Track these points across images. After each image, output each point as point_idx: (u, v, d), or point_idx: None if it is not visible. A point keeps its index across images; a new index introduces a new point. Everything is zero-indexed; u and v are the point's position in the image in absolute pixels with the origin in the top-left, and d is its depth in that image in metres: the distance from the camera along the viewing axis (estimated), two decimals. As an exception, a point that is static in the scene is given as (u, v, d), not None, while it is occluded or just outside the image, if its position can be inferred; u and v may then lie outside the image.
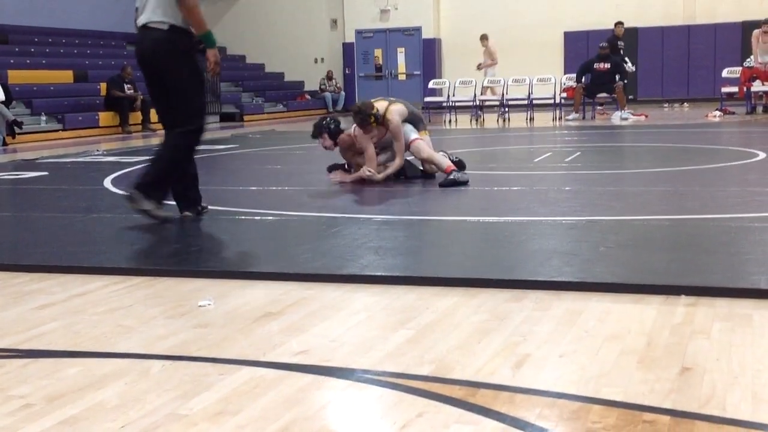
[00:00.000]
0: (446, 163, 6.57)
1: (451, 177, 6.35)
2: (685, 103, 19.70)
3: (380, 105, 6.64)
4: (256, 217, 5.20)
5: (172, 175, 5.05)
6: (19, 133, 13.75)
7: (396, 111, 6.65)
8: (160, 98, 5.05)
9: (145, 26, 4.90)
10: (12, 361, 2.66)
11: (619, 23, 16.65)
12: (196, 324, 3.01)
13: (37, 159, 10.34)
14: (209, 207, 5.33)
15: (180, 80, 4.94)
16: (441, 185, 6.31)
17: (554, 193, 5.95)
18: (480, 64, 17.71)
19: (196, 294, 3.43)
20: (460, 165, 6.81)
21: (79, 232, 5.02)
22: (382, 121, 6.56)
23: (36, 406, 2.25)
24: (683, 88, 21.00)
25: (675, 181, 6.45)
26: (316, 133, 6.79)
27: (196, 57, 5.02)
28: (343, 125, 6.85)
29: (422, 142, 6.72)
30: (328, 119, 6.89)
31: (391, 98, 6.85)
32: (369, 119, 6.47)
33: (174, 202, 5.16)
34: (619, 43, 16.28)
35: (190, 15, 4.86)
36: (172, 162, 5.04)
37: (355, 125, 6.62)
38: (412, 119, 6.85)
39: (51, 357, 2.70)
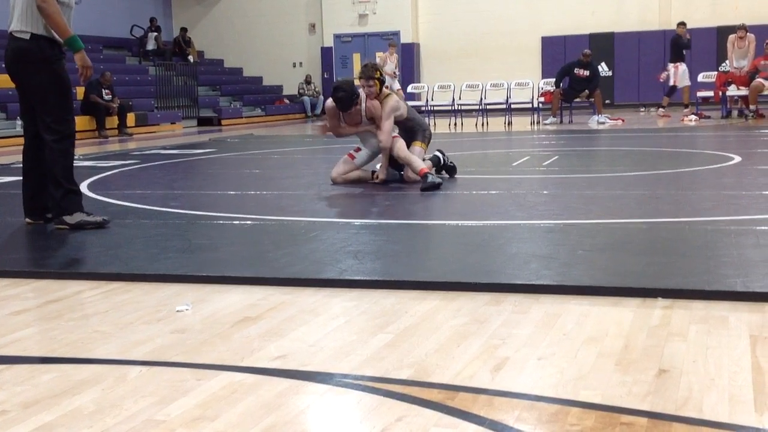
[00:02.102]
0: (420, 165, 6.57)
1: (429, 180, 6.35)
2: (661, 108, 19.85)
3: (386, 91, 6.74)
4: (234, 222, 5.18)
5: (73, 180, 5.03)
6: (-7, 138, 13.62)
7: (396, 98, 6.71)
8: (27, 105, 5.05)
9: (11, 34, 4.92)
10: (-14, 367, 2.63)
11: (681, 24, 16.36)
12: (174, 329, 2.99)
13: (12, 164, 10.24)
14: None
15: (41, 88, 4.92)
16: (422, 190, 6.31)
17: (532, 197, 5.97)
18: None
19: (173, 299, 3.41)
20: (452, 169, 6.81)
21: (54, 237, 4.97)
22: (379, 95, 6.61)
23: (11, 412, 2.22)
24: (659, 92, 21.15)
25: (651, 185, 6.50)
26: (350, 105, 6.66)
27: (62, 64, 5.02)
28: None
29: (402, 141, 6.73)
30: (352, 86, 6.77)
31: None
32: (375, 74, 6.58)
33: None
34: (682, 40, 15.86)
35: (50, 22, 4.86)
36: (64, 170, 4.98)
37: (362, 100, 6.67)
38: (412, 125, 6.85)
39: (26, 363, 2.67)
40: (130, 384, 2.42)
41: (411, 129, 6.89)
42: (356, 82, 6.90)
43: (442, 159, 7.13)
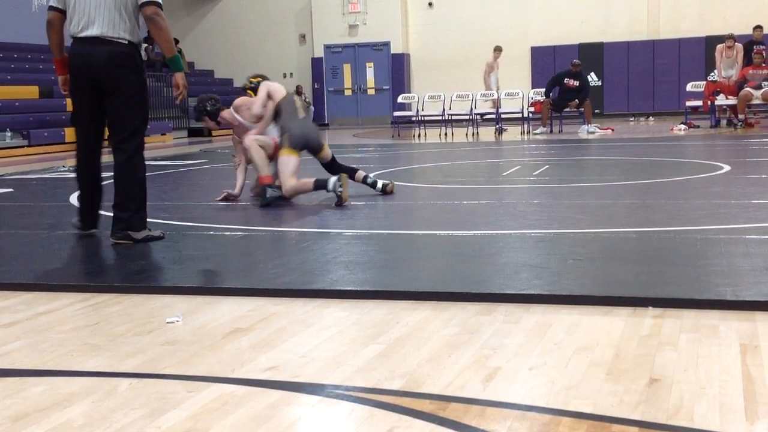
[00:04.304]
0: (262, 173, 6.41)
1: (267, 195, 6.24)
2: (651, 117, 19.96)
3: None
4: (225, 233, 5.17)
5: (145, 196, 4.91)
6: (-17, 150, 13.58)
7: (276, 90, 6.64)
8: (97, 115, 4.87)
9: (98, 38, 4.72)
10: (-25, 380, 2.61)
11: (757, 27, 16.21)
12: (164, 341, 2.98)
13: (1, 175, 10.21)
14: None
15: (132, 94, 4.81)
16: (260, 203, 6.28)
17: (523, 207, 5.98)
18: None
19: (164, 311, 3.40)
20: (373, 185, 6.64)
21: (44, 249, 4.95)
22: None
23: (0, 426, 2.21)
24: (648, 102, 21.30)
25: (641, 194, 6.52)
26: (198, 117, 6.75)
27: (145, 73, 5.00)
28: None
29: (256, 146, 6.45)
30: (205, 99, 6.79)
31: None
32: (248, 85, 6.71)
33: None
34: (756, 46, 15.47)
35: (163, 35, 4.81)
36: (139, 184, 4.87)
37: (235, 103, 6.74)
38: (282, 127, 6.47)
39: (16, 376, 2.65)
40: (120, 396, 2.41)
41: (298, 141, 6.41)
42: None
43: (365, 177, 6.72)
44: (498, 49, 17.71)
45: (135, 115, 4.84)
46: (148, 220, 4.95)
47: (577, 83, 15.75)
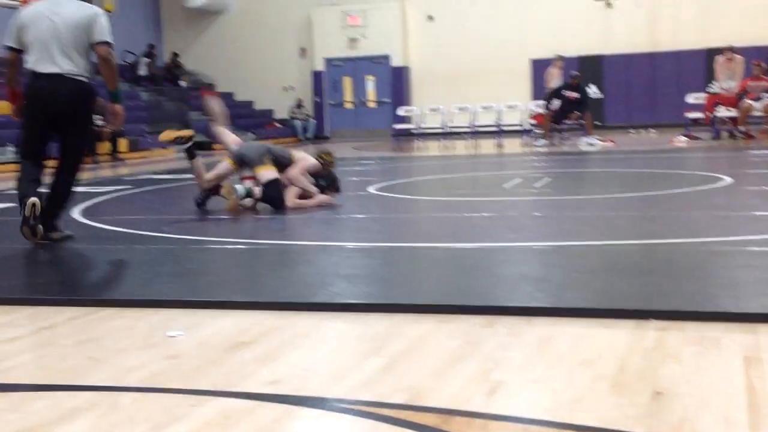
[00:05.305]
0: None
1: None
2: (651, 129, 19.99)
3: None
4: (226, 246, 5.17)
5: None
6: (-17, 165, 13.61)
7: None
8: (46, 144, 5.43)
9: (63, 75, 5.23)
10: (-22, 395, 2.61)
11: None
12: (167, 355, 2.97)
13: (4, 191, 10.22)
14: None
15: (86, 125, 5.46)
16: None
17: (524, 219, 5.98)
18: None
19: (166, 324, 3.39)
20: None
21: (46, 263, 4.96)
22: None
23: (3, 441, 2.21)
24: (649, 113, 21.32)
25: (643, 207, 6.52)
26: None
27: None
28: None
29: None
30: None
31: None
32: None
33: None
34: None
35: (111, 73, 5.41)
36: (72, 194, 5.58)
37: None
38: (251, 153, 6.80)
39: (19, 391, 2.65)
40: (123, 411, 2.41)
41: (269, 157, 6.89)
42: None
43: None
44: (558, 58, 17.28)
45: (86, 142, 5.69)
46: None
47: (577, 95, 15.78)
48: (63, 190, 5.47)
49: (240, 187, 6.74)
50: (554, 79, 16.99)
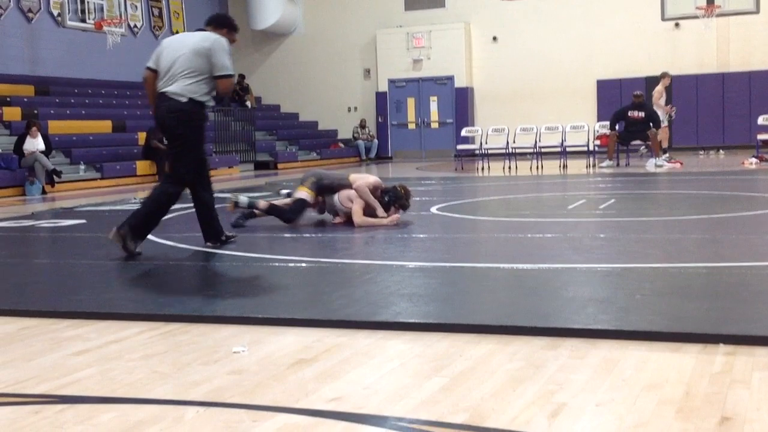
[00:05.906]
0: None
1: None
2: (721, 151, 19.58)
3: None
4: (289, 264, 5.22)
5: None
6: (58, 182, 14.00)
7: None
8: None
9: (163, 94, 5.72)
10: (48, 407, 2.68)
11: None
12: (231, 370, 3.01)
13: (75, 207, 10.50)
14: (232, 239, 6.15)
15: (190, 143, 5.80)
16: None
17: (588, 240, 5.91)
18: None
19: (230, 340, 3.44)
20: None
21: (115, 279, 5.07)
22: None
23: (71, 451, 2.26)
24: (718, 135, 20.90)
25: (711, 229, 6.38)
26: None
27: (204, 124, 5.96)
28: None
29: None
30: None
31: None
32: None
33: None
34: None
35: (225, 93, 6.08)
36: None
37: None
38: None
39: (86, 403, 2.71)
40: (187, 425, 2.44)
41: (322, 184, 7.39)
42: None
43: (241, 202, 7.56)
44: (665, 75, 16.98)
45: (181, 162, 5.85)
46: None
47: (642, 114, 15.51)
48: (146, 208, 5.84)
49: (243, 198, 7.56)
50: (662, 96, 16.65)
